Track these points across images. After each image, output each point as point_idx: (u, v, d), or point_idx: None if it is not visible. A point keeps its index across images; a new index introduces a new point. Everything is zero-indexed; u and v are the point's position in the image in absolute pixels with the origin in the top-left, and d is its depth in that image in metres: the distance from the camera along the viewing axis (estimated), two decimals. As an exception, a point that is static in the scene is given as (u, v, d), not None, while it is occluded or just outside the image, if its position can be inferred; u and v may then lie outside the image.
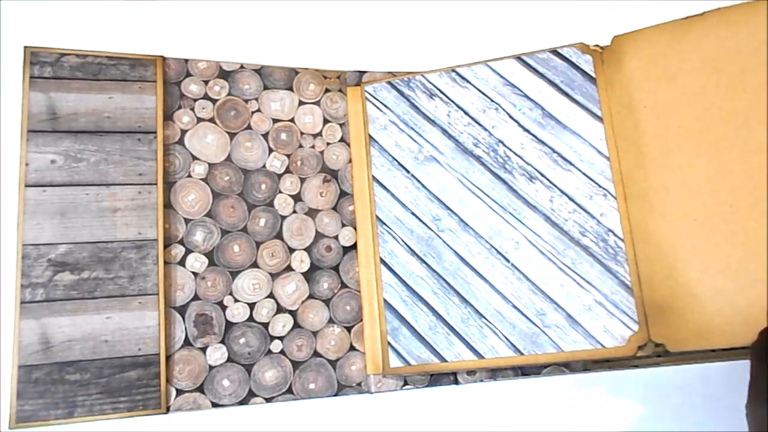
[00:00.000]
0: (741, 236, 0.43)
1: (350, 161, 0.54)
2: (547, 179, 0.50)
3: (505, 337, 0.48)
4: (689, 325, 0.44)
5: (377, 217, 0.52)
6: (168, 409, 0.46)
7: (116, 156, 0.47)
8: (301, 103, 0.54)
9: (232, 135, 0.52)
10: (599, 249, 0.48)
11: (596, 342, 0.47)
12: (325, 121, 0.54)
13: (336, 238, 0.53)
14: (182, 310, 0.47)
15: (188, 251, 0.49)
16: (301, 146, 0.53)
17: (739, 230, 0.44)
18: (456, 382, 0.51)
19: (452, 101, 0.53)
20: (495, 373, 0.51)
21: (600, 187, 0.49)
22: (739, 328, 0.43)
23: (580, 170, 0.49)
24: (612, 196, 0.48)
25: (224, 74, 0.52)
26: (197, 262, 0.49)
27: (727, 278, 0.43)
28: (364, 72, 0.56)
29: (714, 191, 0.45)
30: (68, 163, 0.46)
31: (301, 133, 0.53)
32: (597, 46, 0.51)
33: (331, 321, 0.51)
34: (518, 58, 0.52)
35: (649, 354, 0.46)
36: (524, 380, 0.51)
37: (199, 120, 0.51)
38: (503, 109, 0.52)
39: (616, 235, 0.48)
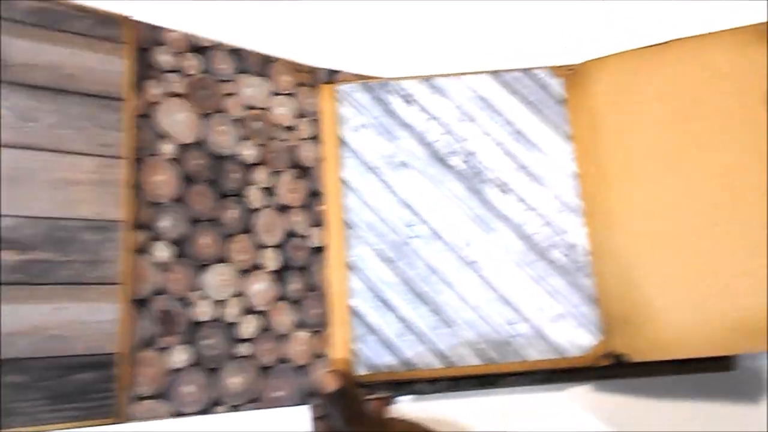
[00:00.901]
0: (698, 255, 0.47)
1: (321, 160, 0.52)
2: (519, 193, 0.51)
3: (474, 346, 0.48)
4: (649, 336, 0.47)
5: (347, 220, 0.50)
6: (125, 418, 0.39)
7: (77, 121, 0.41)
8: (275, 93, 0.51)
9: (204, 116, 0.47)
10: (566, 262, 0.50)
11: (561, 352, 0.48)
12: (300, 115, 0.51)
13: (306, 237, 0.50)
14: (144, 305, 0.42)
15: (153, 238, 0.43)
16: (274, 138, 0.50)
17: (695, 249, 0.47)
18: (422, 390, 0.50)
19: (428, 110, 0.53)
20: (460, 381, 0.50)
21: (568, 203, 0.51)
22: (696, 340, 0.46)
23: (549, 186, 0.51)
24: (579, 212, 0.51)
25: (198, 50, 0.48)
26: (163, 251, 0.43)
27: (684, 293, 0.47)
28: (338, 71, 0.54)
29: (673, 213, 0.48)
30: (18, 122, 0.39)
31: (274, 125, 0.50)
32: (568, 67, 0.53)
33: (299, 325, 0.48)
34: (493, 73, 0.54)
35: (611, 364, 0.48)
36: (490, 390, 0.51)
37: (170, 95, 0.46)
38: (477, 122, 0.53)
39: (581, 249, 0.50)
